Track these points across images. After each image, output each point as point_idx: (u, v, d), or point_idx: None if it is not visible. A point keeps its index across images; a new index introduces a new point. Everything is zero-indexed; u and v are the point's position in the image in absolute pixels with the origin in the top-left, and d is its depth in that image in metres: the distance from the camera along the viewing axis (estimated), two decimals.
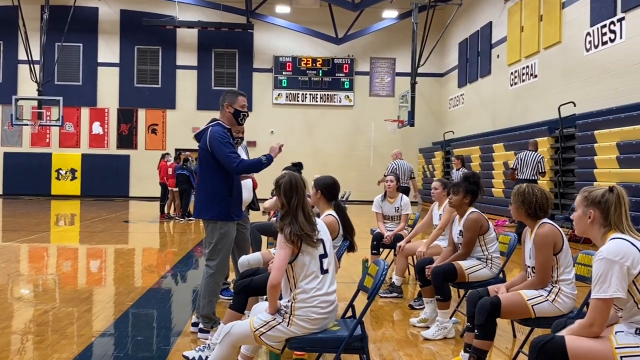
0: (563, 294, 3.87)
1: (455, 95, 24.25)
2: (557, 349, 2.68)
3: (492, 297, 3.92)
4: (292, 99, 25.70)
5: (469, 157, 20.40)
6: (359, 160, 25.57)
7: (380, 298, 6.67)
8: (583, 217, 2.87)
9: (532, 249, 4.02)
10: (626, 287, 2.63)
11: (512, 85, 18.73)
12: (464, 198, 5.28)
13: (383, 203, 7.80)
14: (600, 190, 2.86)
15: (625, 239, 2.71)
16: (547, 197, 4.16)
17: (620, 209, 2.79)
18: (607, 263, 2.64)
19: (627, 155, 11.44)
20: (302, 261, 3.32)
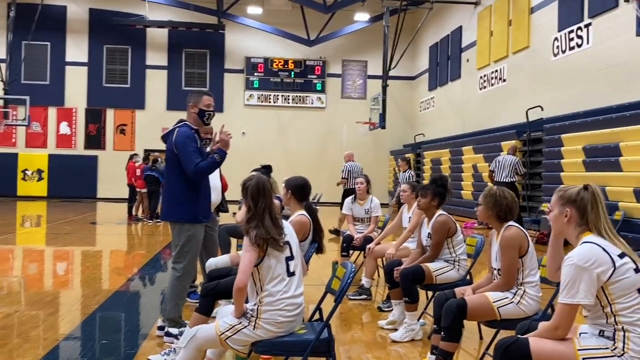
0: (528, 296, 3.92)
1: (425, 98, 24.44)
2: (521, 351, 2.70)
3: (459, 299, 3.94)
4: (264, 100, 25.62)
5: (438, 159, 20.59)
6: (331, 162, 25.59)
7: (349, 300, 6.67)
8: (560, 217, 2.86)
9: (498, 251, 4.06)
10: (594, 293, 2.64)
11: (481, 89, 18.96)
12: (432, 201, 5.31)
13: (353, 205, 7.82)
14: (575, 188, 2.86)
15: (597, 243, 2.70)
16: (516, 201, 4.21)
17: (597, 207, 2.78)
18: (576, 269, 2.64)
19: (592, 159, 11.65)
20: (268, 264, 3.30)
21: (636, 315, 2.63)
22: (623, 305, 2.63)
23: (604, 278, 2.64)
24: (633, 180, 10.37)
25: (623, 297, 2.63)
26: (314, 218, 4.71)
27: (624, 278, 2.64)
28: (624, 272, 2.65)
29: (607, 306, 2.66)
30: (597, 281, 2.64)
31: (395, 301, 5.46)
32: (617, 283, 2.64)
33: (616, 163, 10.81)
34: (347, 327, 5.62)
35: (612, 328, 2.66)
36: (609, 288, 2.65)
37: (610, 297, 2.65)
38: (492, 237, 4.23)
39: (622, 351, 2.61)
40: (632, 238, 9.95)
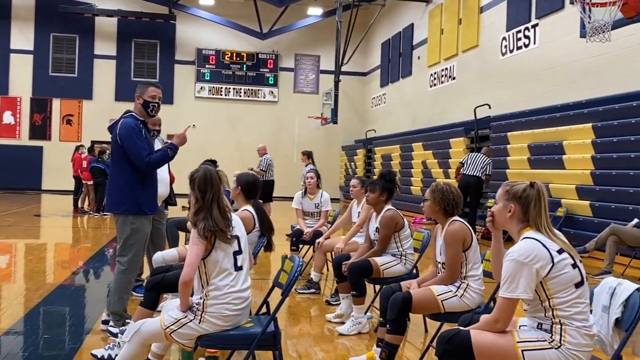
0: (471, 290, 4.01)
1: (377, 94, 24.64)
2: (462, 343, 2.76)
3: (404, 292, 4.01)
4: (215, 93, 25.37)
5: (389, 155, 20.79)
6: (283, 157, 25.54)
7: (298, 294, 6.70)
8: (503, 211, 2.93)
9: (442, 245, 4.14)
10: (534, 288, 2.71)
11: (431, 86, 19.23)
12: (380, 196, 5.37)
13: (303, 199, 7.83)
14: (522, 185, 2.93)
15: (537, 239, 2.77)
16: (461, 196, 4.30)
17: (539, 205, 2.85)
18: (516, 265, 2.71)
19: (537, 156, 11.96)
20: (215, 258, 3.28)
21: (573, 309, 2.72)
22: (561, 299, 2.72)
23: (542, 273, 2.71)
24: (575, 178, 10.70)
25: (561, 292, 2.72)
26: (262, 215, 4.70)
27: (562, 273, 2.72)
28: (562, 267, 2.73)
29: (546, 300, 2.74)
30: (536, 276, 2.71)
31: (343, 295, 5.50)
32: (555, 278, 2.72)
33: (559, 161, 11.13)
34: (295, 320, 5.64)
35: (550, 321, 2.74)
36: (548, 283, 2.72)
37: (548, 292, 2.73)
38: (437, 232, 4.31)
39: (559, 343, 2.70)
40: (573, 234, 10.27)
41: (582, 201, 10.34)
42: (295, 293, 6.73)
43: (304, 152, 14.11)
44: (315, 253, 6.98)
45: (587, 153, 10.47)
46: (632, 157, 9.40)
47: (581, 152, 10.65)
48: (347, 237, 6.31)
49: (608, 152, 10.01)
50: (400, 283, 4.36)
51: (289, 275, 3.41)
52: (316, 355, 4.55)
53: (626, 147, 9.61)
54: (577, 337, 2.70)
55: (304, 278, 7.57)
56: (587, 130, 10.62)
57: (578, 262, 2.79)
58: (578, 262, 2.80)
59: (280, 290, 3.49)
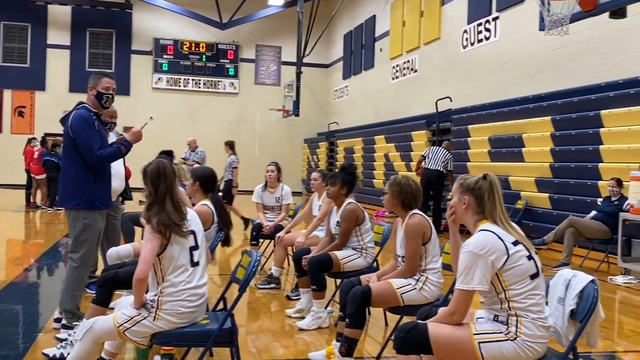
0: (430, 282, 4.05)
1: (340, 86, 24.68)
2: (420, 336, 2.79)
3: (363, 286, 4.03)
4: (174, 84, 25.07)
5: (351, 148, 20.87)
6: (244, 150, 25.27)
7: (257, 289, 6.68)
8: (458, 204, 2.99)
9: (402, 238, 4.17)
10: (489, 280, 2.77)
11: (393, 78, 19.35)
12: (341, 189, 5.38)
13: (263, 193, 7.81)
14: (475, 177, 2.99)
15: (493, 231, 2.82)
16: (420, 189, 4.34)
17: (493, 197, 2.91)
18: (472, 256, 2.76)
19: (497, 149, 12.16)
20: (170, 253, 3.24)
21: (528, 301, 2.77)
22: (516, 291, 2.77)
23: (498, 265, 2.76)
24: (534, 170, 10.91)
25: (516, 284, 2.77)
26: (220, 209, 4.67)
27: (517, 265, 2.78)
28: (517, 259, 2.78)
29: (502, 292, 2.79)
30: (492, 268, 2.76)
31: (303, 289, 5.51)
32: (510, 270, 2.77)
33: (519, 154, 11.33)
34: (255, 316, 5.63)
35: (506, 313, 2.79)
36: (503, 275, 2.77)
37: (504, 284, 2.78)
38: (397, 225, 4.34)
39: (515, 335, 2.75)
40: (533, 226, 10.48)
41: (542, 193, 10.56)
42: (255, 288, 6.72)
43: (226, 142, 14.07)
44: (275, 247, 6.97)
45: (546, 146, 10.68)
46: (590, 149, 9.62)
47: (540, 144, 10.86)
48: (307, 231, 6.32)
49: (567, 145, 10.23)
50: (360, 277, 4.38)
51: (246, 271, 3.40)
52: (276, 351, 4.55)
53: (584, 139, 9.84)
54: (533, 328, 2.75)
55: (263, 273, 7.57)
56: (546, 123, 10.83)
57: (533, 254, 2.85)
58: (533, 253, 2.85)
59: (237, 286, 3.47)
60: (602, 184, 9.03)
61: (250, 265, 3.40)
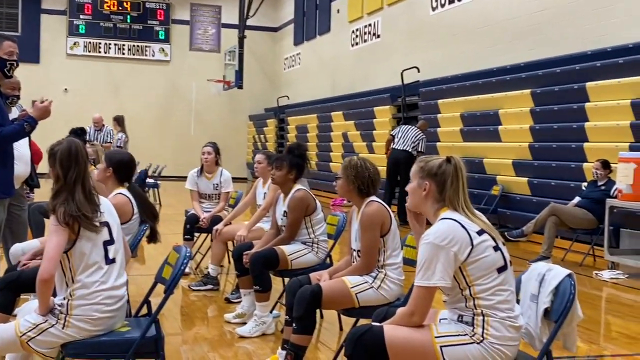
0: (389, 280, 4.11)
1: (290, 54, 24.63)
2: (375, 340, 2.82)
3: (313, 285, 4.06)
4: (93, 50, 24.62)
5: (304, 126, 20.89)
6: (178, 128, 25.20)
7: (192, 292, 6.67)
8: (418, 190, 3.02)
9: (358, 230, 4.21)
10: (452, 275, 2.82)
11: (353, 45, 19.40)
12: (288, 173, 5.38)
13: (199, 179, 7.76)
14: (438, 160, 3.03)
15: (455, 219, 2.88)
16: (379, 173, 4.38)
17: (457, 183, 2.96)
18: (432, 248, 2.81)
19: (470, 127, 12.35)
20: (80, 249, 3.20)
21: (496, 298, 2.84)
22: (482, 286, 2.84)
23: (461, 257, 2.82)
24: (512, 151, 11.13)
25: (482, 278, 2.84)
26: (141, 198, 4.62)
27: (483, 257, 2.84)
28: (482, 250, 2.85)
29: (466, 288, 2.86)
30: (455, 261, 2.82)
31: (245, 291, 5.52)
32: (475, 262, 2.84)
33: (495, 132, 11.54)
34: (189, 323, 5.63)
35: (471, 312, 2.86)
36: (467, 268, 2.84)
37: (469, 279, 2.85)
38: (352, 215, 4.38)
39: (482, 337, 2.82)
40: (510, 215, 10.72)
41: (520, 178, 10.79)
42: (189, 290, 6.70)
43: (115, 117, 13.95)
44: (213, 242, 6.95)
45: (525, 123, 10.91)
46: (574, 127, 9.86)
47: (519, 122, 11.08)
48: (250, 223, 6.32)
49: (548, 122, 10.47)
50: (309, 275, 4.40)
51: (174, 269, 3.39)
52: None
53: (568, 116, 10.07)
54: (501, 329, 2.82)
55: (199, 272, 7.54)
56: (525, 98, 11.05)
57: (500, 245, 2.92)
58: (500, 244, 2.92)
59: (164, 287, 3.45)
60: (588, 166, 9.27)
61: (178, 263, 3.39)
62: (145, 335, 3.25)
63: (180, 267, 3.35)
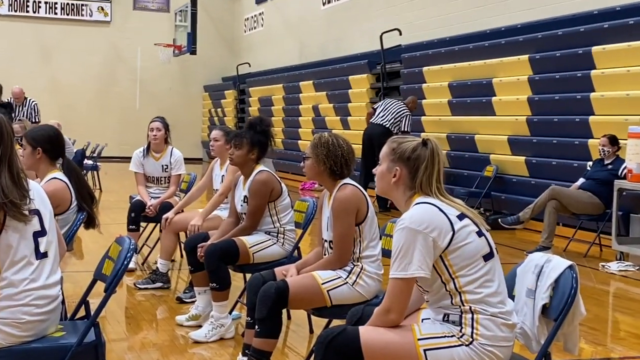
0: (366, 275, 4.13)
1: (252, 14, 24.53)
2: (349, 344, 2.85)
3: (279, 281, 4.08)
4: (19, 9, 24.38)
5: (269, 97, 20.85)
6: (120, 101, 25.00)
7: (138, 290, 6.67)
8: (387, 175, 3.08)
9: (330, 217, 4.23)
10: (431, 264, 2.86)
11: (324, 3, 19.35)
12: (249, 153, 5.38)
13: (146, 160, 7.74)
14: (412, 143, 3.07)
15: (432, 203, 2.94)
16: (353, 151, 4.40)
17: (431, 169, 3.01)
18: (408, 234, 2.85)
19: (460, 99, 12.42)
20: (6, 242, 3.17)
21: (484, 290, 2.89)
22: (468, 277, 2.89)
23: (442, 244, 2.87)
24: (507, 126, 11.22)
25: (467, 268, 2.89)
26: (78, 179, 4.60)
27: (466, 243, 2.90)
28: (465, 236, 2.91)
29: (450, 281, 2.90)
30: (434, 248, 2.87)
31: (200, 289, 5.53)
32: (458, 250, 2.89)
33: (488, 105, 11.61)
34: (135, 326, 5.64)
35: (459, 310, 2.90)
36: (449, 257, 2.89)
37: (452, 270, 2.89)
38: (324, 200, 4.40)
39: (471, 338, 2.86)
40: (505, 199, 10.83)
41: (516, 157, 10.90)
42: (135, 289, 6.70)
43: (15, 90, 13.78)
44: (162, 233, 6.94)
45: (523, 94, 10.99)
46: (578, 98, 9.95)
47: (515, 92, 11.17)
48: (205, 211, 6.31)
49: (549, 93, 10.56)
50: (274, 270, 4.42)
51: (115, 264, 3.38)
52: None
53: (571, 85, 10.16)
54: (493, 327, 2.86)
55: (148, 268, 7.53)
56: (522, 64, 11.12)
57: (484, 230, 2.98)
58: (484, 230, 2.99)
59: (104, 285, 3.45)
60: (593, 142, 9.35)
61: (121, 257, 3.38)
62: (83, 341, 3.24)
63: (123, 261, 3.34)
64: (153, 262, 7.40)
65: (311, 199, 5.62)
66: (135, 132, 21.40)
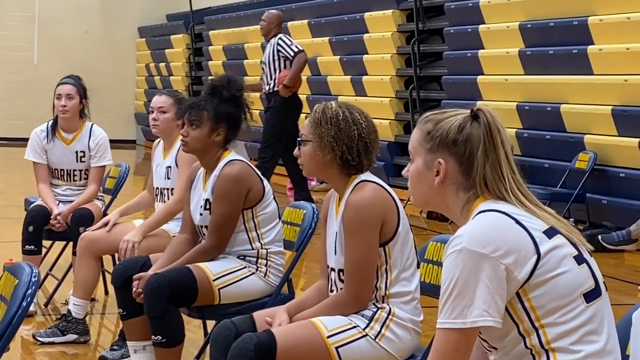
0: (396, 323, 4.12)
1: None
2: None
3: (260, 333, 4.08)
4: None
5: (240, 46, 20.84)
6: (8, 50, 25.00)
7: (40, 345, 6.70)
8: (425, 174, 3.02)
9: (340, 233, 4.22)
10: (503, 307, 2.82)
11: None
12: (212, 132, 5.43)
13: (51, 144, 7.79)
14: (456, 117, 3.01)
15: (505, 212, 2.87)
16: (376, 131, 4.39)
17: (494, 153, 2.94)
18: (468, 260, 2.79)
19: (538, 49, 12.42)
20: None
21: (586, 348, 2.82)
22: (561, 328, 2.83)
23: (520, 275, 2.81)
24: (612, 91, 11.21)
25: (559, 313, 2.83)
26: None
27: (558, 274, 2.83)
28: (556, 263, 2.84)
29: (532, 333, 2.85)
30: (508, 282, 2.81)
31: (136, 344, 5.57)
32: (545, 285, 2.83)
33: (582, 58, 11.61)
34: None
35: None
36: (532, 296, 2.83)
37: (535, 315, 2.84)
38: (330, 206, 4.40)
39: None
40: (607, 204, 10.81)
41: (626, 138, 10.88)
42: (36, 344, 6.73)
43: None
44: (76, 257, 6.96)
45: (637, 41, 10.97)
46: None
47: (625, 38, 11.14)
48: (147, 224, 6.31)
49: None
50: (252, 314, 4.41)
51: (8, 307, 3.37)
52: None
53: None
54: None
55: (54, 311, 7.53)
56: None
57: (585, 254, 2.93)
58: (586, 253, 2.93)
59: None
60: None
61: (17, 296, 3.37)
62: None
63: (21, 303, 3.32)
64: (62, 301, 7.39)
65: (309, 205, 5.62)
66: (31, 100, 21.51)
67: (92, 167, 7.70)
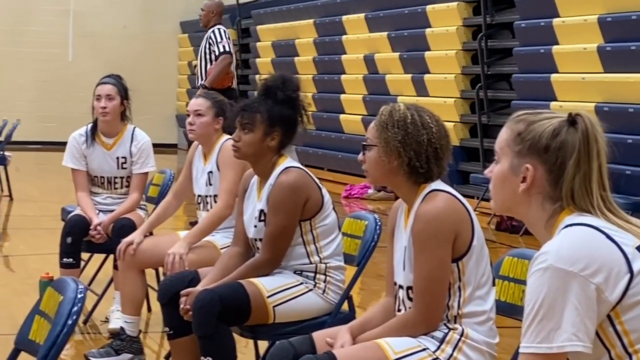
0: (470, 346, 4.11)
1: None
2: None
3: (321, 355, 4.09)
4: None
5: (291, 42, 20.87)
6: (41, 47, 25.17)
7: None
8: (510, 178, 3.02)
9: (409, 247, 4.21)
10: (593, 331, 2.80)
11: None
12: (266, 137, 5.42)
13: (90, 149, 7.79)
14: (551, 121, 3.00)
15: (594, 226, 2.85)
16: (448, 135, 4.38)
17: (587, 166, 2.94)
18: (555, 279, 2.77)
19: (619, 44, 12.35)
20: None
21: None
22: None
23: (612, 297, 2.79)
24: None
25: None
26: None
27: None
28: None
29: (624, 359, 2.86)
30: (599, 303, 2.79)
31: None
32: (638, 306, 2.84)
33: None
34: None
35: None
36: (624, 318, 2.81)
37: (628, 339, 2.83)
38: (398, 218, 4.39)
39: None
40: None
41: None
42: None
43: None
44: (118, 271, 7.00)
45: None
46: None
47: None
48: (192, 234, 6.34)
49: None
50: (311, 334, 4.42)
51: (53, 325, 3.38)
52: None
53: None
54: None
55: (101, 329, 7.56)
56: None
57: None
58: None
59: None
60: None
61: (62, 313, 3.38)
62: None
63: (66, 320, 3.33)
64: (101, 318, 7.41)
65: (371, 216, 5.60)
66: (65, 100, 21.65)
67: (134, 174, 7.73)
